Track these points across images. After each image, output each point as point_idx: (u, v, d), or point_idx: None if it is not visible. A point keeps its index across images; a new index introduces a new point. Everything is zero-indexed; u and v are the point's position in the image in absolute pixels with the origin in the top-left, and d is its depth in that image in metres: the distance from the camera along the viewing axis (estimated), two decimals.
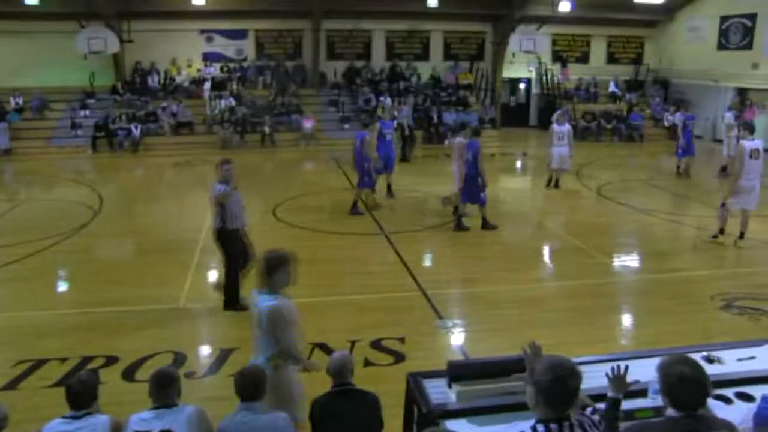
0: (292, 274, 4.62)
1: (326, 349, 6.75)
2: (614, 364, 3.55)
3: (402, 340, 7.19)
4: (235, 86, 22.77)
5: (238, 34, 23.83)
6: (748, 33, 22.18)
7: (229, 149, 20.00)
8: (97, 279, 9.33)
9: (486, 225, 11.80)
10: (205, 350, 7.17)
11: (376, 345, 7.07)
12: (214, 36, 23.74)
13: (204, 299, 8.42)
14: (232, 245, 7.98)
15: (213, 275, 9.24)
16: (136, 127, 20.52)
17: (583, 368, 4.28)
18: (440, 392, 4.01)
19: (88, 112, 21.40)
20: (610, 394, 3.48)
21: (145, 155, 20.21)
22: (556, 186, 15.24)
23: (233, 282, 8.03)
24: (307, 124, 21.17)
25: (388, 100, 21.78)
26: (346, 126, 21.63)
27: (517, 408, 3.48)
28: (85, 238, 11.47)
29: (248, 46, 24.06)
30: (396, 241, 10.89)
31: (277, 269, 4.55)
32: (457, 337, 7.58)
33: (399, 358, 6.79)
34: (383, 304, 8.30)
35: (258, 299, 4.60)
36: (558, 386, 2.85)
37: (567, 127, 15.29)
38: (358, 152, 12.67)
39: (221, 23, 23.33)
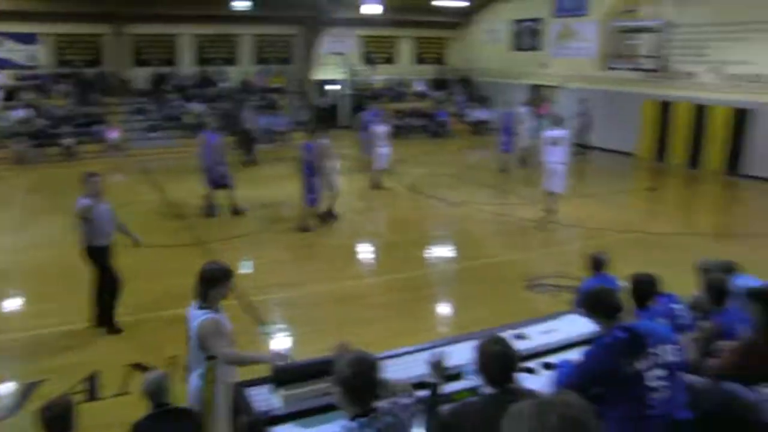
0: (230, 288, 4.55)
1: (143, 369, 6.48)
2: (431, 351, 3.71)
3: None
4: (29, 96, 21.03)
5: (28, 38, 22.01)
6: (537, 35, 24.13)
7: (26, 164, 18.52)
8: None
9: (327, 217, 12.28)
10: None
11: None
12: (2, 40, 21.82)
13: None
14: (104, 262, 7.54)
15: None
16: None
17: (406, 358, 4.50)
18: (265, 398, 3.99)
19: None
20: (430, 380, 3.64)
21: None
22: (380, 186, 15.62)
23: (107, 300, 7.63)
24: (112, 135, 20.07)
25: (195, 106, 21.26)
26: (155, 135, 20.81)
27: None
28: None
29: (41, 52, 22.32)
30: (215, 249, 10.67)
31: (216, 283, 4.43)
32: (280, 342, 7.57)
33: None
34: None
35: (191, 314, 4.45)
36: (359, 381, 2.96)
37: (386, 127, 15.80)
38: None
39: (8, 25, 21.35)
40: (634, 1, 19.45)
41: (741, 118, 17.36)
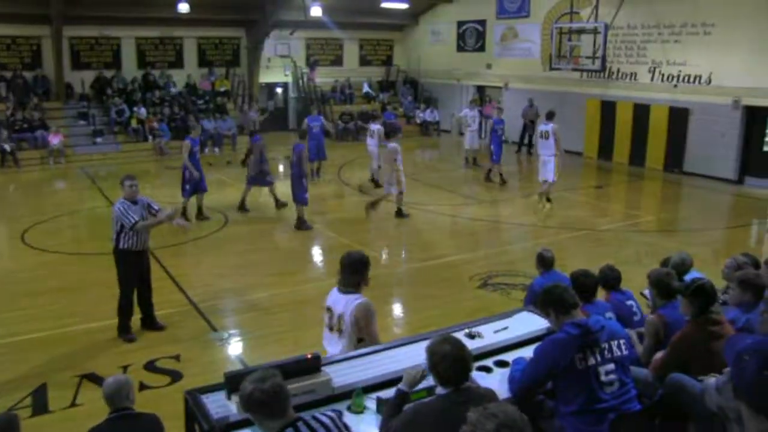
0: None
1: (96, 379, 6.35)
2: (416, 368, 3.71)
3: (177, 357, 6.98)
4: None
5: None
6: (481, 37, 24.44)
7: None
8: None
9: (302, 225, 12.27)
10: None
11: (151, 366, 6.80)
12: None
13: None
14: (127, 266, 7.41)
15: None
16: None
17: (359, 360, 4.51)
18: (220, 405, 3.94)
19: None
20: (400, 386, 3.68)
21: None
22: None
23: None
24: (54, 140, 19.52)
25: (140, 110, 20.86)
26: (99, 140, 20.34)
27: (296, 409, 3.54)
28: None
29: None
30: (162, 256, 10.49)
31: (364, 269, 4.79)
32: (234, 347, 7.51)
33: (176, 376, 6.59)
34: None
35: (337, 298, 4.80)
36: (259, 402, 2.95)
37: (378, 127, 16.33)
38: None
39: None
40: (576, 3, 19.85)
41: (680, 117, 17.87)
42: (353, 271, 4.78)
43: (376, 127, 16.36)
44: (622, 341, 3.89)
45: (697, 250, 10.17)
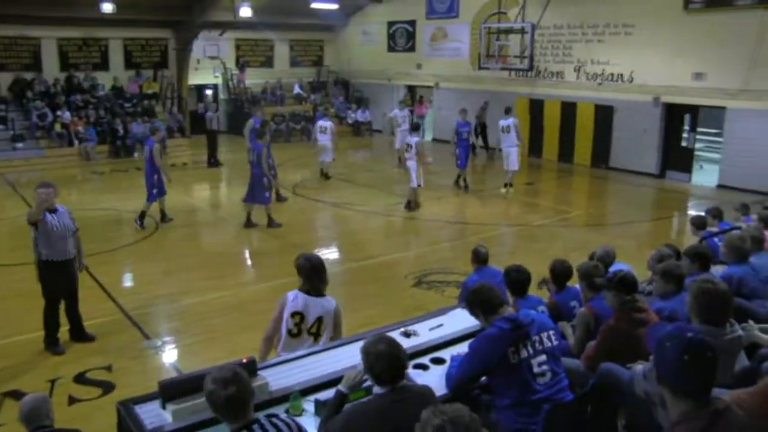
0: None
1: (20, 396, 6.10)
2: (355, 369, 3.71)
3: (109, 368, 6.79)
4: None
5: None
6: (411, 37, 24.62)
7: None
8: None
9: (271, 223, 12.25)
10: None
11: (81, 379, 6.58)
12: None
13: None
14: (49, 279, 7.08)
15: None
16: None
17: (296, 362, 4.49)
18: (155, 415, 3.86)
19: None
20: (339, 387, 3.67)
21: None
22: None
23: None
24: None
25: (64, 114, 20.21)
26: (20, 145, 19.59)
27: None
28: None
29: None
30: (91, 264, 10.16)
31: (323, 273, 4.92)
32: (168, 355, 7.37)
33: (108, 388, 6.40)
34: None
35: (312, 301, 4.88)
36: (225, 396, 2.92)
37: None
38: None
39: None
40: (504, 3, 20.21)
41: (605, 114, 18.42)
42: (322, 274, 4.93)
43: (328, 123, 16.77)
44: (551, 332, 3.99)
45: (624, 242, 10.51)
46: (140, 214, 12.29)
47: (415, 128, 14.09)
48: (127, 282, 10.02)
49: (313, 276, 4.89)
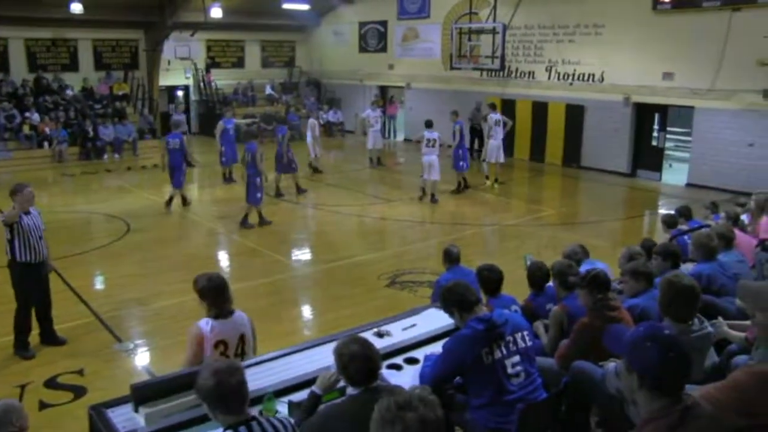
0: None
1: None
2: (330, 370, 3.70)
3: (80, 372, 6.71)
4: None
5: None
6: (382, 37, 24.64)
7: None
8: None
9: (263, 221, 12.49)
10: None
11: (52, 383, 6.50)
12: None
13: None
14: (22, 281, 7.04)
15: None
16: None
17: (270, 364, 4.47)
18: (127, 419, 3.84)
19: None
20: (313, 388, 3.68)
21: None
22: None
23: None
24: None
25: (33, 115, 19.89)
26: None
27: (208, 419, 3.48)
28: None
29: None
30: (61, 266, 10.04)
31: (228, 289, 4.59)
32: (141, 358, 7.30)
33: (80, 392, 6.33)
34: None
35: (237, 317, 4.58)
36: (223, 389, 2.91)
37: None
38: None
39: None
40: (475, 4, 20.30)
41: (576, 114, 18.58)
42: (227, 292, 4.61)
43: (312, 121, 18.06)
44: (525, 332, 4.02)
45: (596, 241, 10.61)
46: (168, 200, 13.71)
47: (429, 125, 14.55)
48: (99, 285, 9.90)
49: (218, 298, 4.54)
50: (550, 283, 5.48)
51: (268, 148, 18.44)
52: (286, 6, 23.31)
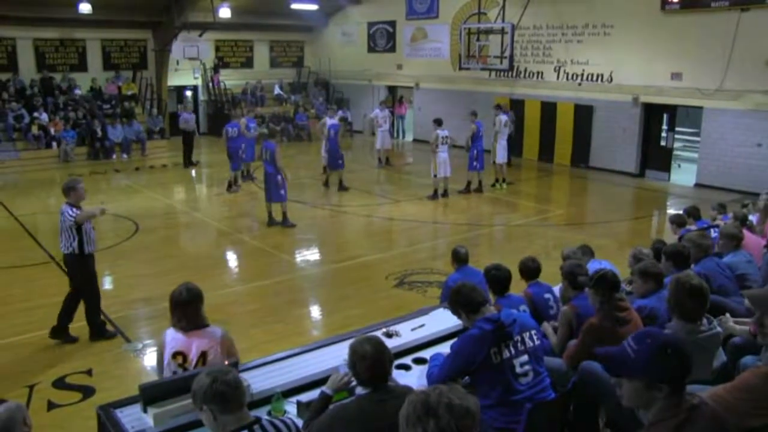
0: None
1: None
2: (341, 371, 3.71)
3: (89, 372, 6.73)
4: None
5: None
6: (391, 38, 24.63)
7: None
8: None
9: (286, 222, 12.37)
10: None
11: (60, 384, 6.51)
12: None
13: None
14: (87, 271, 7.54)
15: None
16: None
17: (278, 364, 4.48)
18: (136, 419, 3.84)
19: None
20: (324, 388, 3.68)
21: None
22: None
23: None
24: None
25: (41, 115, 19.95)
26: None
27: None
28: None
29: None
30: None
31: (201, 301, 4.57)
32: (149, 358, 7.29)
33: (88, 392, 6.33)
34: None
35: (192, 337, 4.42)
36: (219, 385, 2.90)
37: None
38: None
39: None
40: (483, 4, 20.28)
41: (585, 114, 18.53)
42: (199, 303, 4.54)
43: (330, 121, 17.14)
44: (533, 332, 4.00)
45: (604, 241, 10.59)
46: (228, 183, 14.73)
47: (440, 123, 14.72)
48: (107, 285, 9.91)
49: (189, 307, 4.47)
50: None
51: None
52: (294, 6, 23.34)
